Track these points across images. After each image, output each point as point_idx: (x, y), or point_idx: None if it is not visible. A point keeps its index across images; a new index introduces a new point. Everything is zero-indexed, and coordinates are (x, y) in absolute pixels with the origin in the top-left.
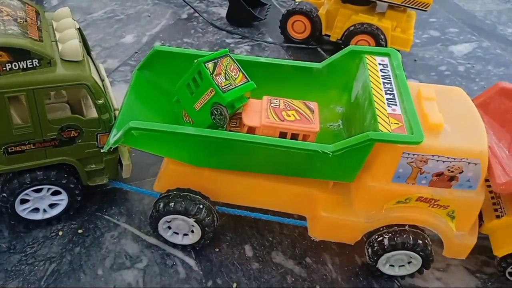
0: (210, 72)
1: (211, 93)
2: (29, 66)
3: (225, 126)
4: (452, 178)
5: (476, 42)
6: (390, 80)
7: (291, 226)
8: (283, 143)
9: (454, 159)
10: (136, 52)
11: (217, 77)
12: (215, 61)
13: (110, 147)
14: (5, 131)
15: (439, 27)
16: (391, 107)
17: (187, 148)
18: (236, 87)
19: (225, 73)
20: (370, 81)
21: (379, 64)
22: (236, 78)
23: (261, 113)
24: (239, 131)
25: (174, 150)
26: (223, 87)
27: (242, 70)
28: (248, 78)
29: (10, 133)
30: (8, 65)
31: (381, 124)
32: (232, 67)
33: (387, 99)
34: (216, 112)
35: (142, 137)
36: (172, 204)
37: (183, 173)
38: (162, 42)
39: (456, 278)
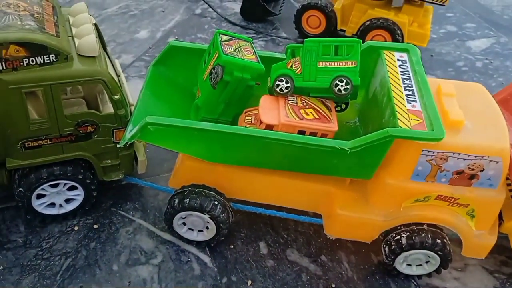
0: (221, 40)
1: (215, 57)
2: (46, 61)
3: (216, 86)
4: (472, 176)
5: (494, 38)
6: (409, 76)
7: (306, 224)
8: (300, 139)
9: (475, 156)
10: (150, 48)
11: (226, 46)
12: (233, 38)
13: (126, 142)
14: (22, 126)
15: (456, 22)
16: (410, 103)
17: (203, 144)
18: (240, 58)
19: (237, 48)
20: (389, 77)
21: (398, 60)
22: (246, 55)
23: (279, 111)
24: (255, 128)
25: (189, 146)
26: (226, 52)
27: (258, 56)
28: (260, 63)
29: (27, 128)
30: (25, 60)
31: (400, 121)
32: (248, 49)
33: (406, 95)
34: (213, 71)
35: (158, 132)
36: (187, 200)
37: (198, 169)
38: (176, 37)
39: (474, 278)
